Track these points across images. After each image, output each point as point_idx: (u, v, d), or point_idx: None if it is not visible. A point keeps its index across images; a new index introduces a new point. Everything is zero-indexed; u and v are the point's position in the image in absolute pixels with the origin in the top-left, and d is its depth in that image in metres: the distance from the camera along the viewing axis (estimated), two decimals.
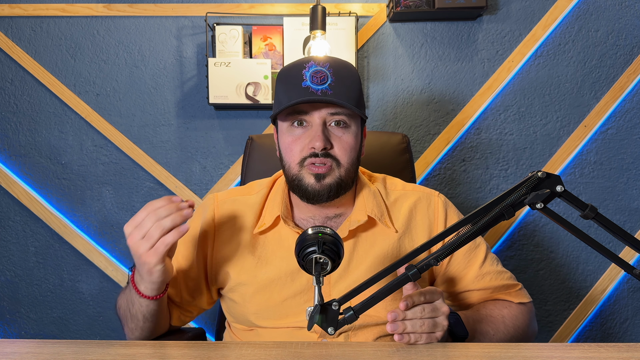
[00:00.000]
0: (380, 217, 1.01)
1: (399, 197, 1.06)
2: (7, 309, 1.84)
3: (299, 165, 0.96)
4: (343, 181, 0.97)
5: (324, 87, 0.94)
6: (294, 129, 0.97)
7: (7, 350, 0.74)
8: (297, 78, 0.95)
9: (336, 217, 1.03)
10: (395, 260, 0.75)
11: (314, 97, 0.93)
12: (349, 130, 0.97)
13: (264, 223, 1.02)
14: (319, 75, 0.94)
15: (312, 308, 0.72)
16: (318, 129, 0.94)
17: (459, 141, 1.81)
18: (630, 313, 1.82)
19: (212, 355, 0.73)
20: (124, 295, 0.99)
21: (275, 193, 1.06)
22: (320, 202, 0.98)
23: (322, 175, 0.95)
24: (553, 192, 0.70)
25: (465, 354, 0.75)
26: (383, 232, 1.02)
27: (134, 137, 1.81)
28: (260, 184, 1.10)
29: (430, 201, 1.06)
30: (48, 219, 1.80)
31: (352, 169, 0.98)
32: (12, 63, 1.80)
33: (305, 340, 0.95)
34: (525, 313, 1.04)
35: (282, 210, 1.01)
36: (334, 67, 0.96)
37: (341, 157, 0.96)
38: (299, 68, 0.96)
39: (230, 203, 1.07)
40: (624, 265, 0.73)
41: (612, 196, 1.81)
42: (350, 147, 0.97)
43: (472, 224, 0.73)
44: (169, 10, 1.79)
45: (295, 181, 0.98)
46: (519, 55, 1.78)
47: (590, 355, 0.72)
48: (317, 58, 0.98)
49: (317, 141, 0.93)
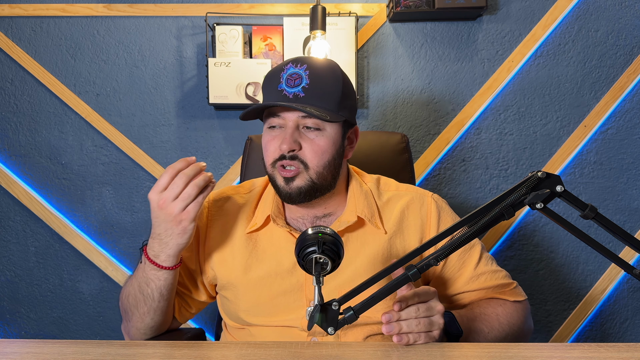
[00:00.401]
0: (370, 218, 1.01)
1: (392, 198, 1.06)
2: (7, 309, 1.84)
3: (272, 166, 0.98)
4: (315, 184, 0.97)
5: (296, 89, 0.95)
6: (271, 130, 0.99)
7: (7, 350, 0.74)
8: (275, 80, 0.97)
9: (325, 217, 1.04)
10: (395, 261, 0.75)
11: (281, 101, 0.94)
12: (322, 134, 0.96)
13: (256, 223, 1.03)
14: (294, 77, 0.95)
15: (312, 308, 0.72)
16: (288, 131, 0.95)
17: (458, 141, 1.81)
18: (630, 313, 1.82)
19: (212, 355, 0.73)
20: (132, 281, 0.99)
21: (267, 193, 1.07)
22: (295, 203, 0.99)
23: (290, 178, 0.96)
24: (553, 192, 0.70)
25: (465, 354, 0.75)
26: (373, 232, 1.02)
27: (134, 137, 1.81)
28: (254, 183, 1.11)
29: (423, 202, 1.06)
30: (48, 219, 1.80)
31: (325, 172, 0.97)
32: (12, 63, 1.80)
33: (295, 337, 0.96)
34: (520, 311, 1.04)
35: (272, 210, 1.02)
36: (312, 69, 0.96)
37: (310, 160, 0.96)
38: (279, 71, 0.97)
39: (222, 201, 1.08)
40: (624, 265, 0.73)
41: (612, 196, 1.81)
42: (322, 150, 0.96)
43: (472, 224, 0.73)
44: (169, 10, 1.79)
45: (271, 180, 1.00)
46: (519, 55, 1.78)
47: (590, 355, 0.72)
48: (298, 59, 0.98)
49: (284, 144, 0.95)
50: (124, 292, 1.02)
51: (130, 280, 1.00)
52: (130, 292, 0.99)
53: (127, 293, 1.00)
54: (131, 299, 0.98)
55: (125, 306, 1.01)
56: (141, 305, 0.97)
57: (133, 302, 0.98)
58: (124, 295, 1.01)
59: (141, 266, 0.96)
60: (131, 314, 0.99)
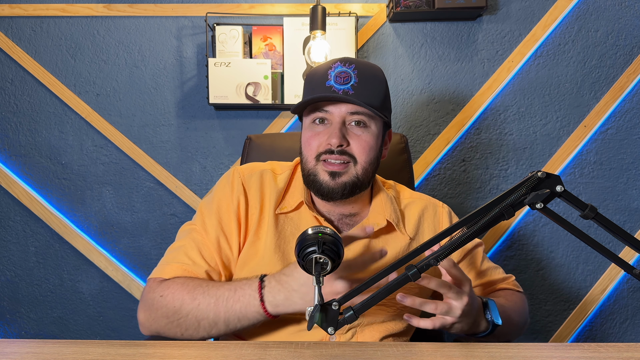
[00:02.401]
0: (397, 223, 1.04)
1: (409, 204, 1.10)
2: (7, 309, 1.84)
3: (315, 159, 0.99)
4: (359, 180, 0.99)
5: (346, 87, 0.96)
6: (315, 126, 1.00)
7: (7, 350, 0.74)
8: (323, 77, 0.98)
9: (351, 216, 1.05)
10: (396, 261, 0.75)
11: (332, 95, 0.95)
12: (368, 130, 0.99)
13: (286, 206, 1.02)
14: (343, 76, 0.97)
15: (312, 308, 0.72)
16: (336, 126, 0.97)
17: (458, 141, 1.81)
18: (630, 313, 1.82)
19: (212, 355, 0.73)
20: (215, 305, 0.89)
21: (297, 180, 1.07)
22: (334, 200, 1.00)
23: (338, 172, 0.97)
24: (553, 192, 0.70)
25: (465, 354, 0.75)
26: (396, 237, 1.05)
27: (134, 137, 1.81)
28: (284, 165, 1.10)
29: (436, 211, 1.11)
30: (48, 219, 1.80)
31: (369, 168, 1.00)
32: (12, 63, 1.80)
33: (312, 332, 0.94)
34: (525, 300, 1.11)
35: (305, 197, 1.03)
36: (359, 69, 0.99)
37: (358, 155, 0.98)
38: (326, 68, 0.99)
39: (257, 176, 1.05)
40: (624, 265, 0.73)
41: (612, 196, 1.81)
42: (369, 147, 0.99)
43: (472, 224, 0.73)
44: (169, 10, 1.79)
45: (310, 176, 1.00)
46: (519, 55, 1.78)
47: (590, 355, 0.72)
48: (346, 59, 1.00)
49: (333, 138, 0.96)
50: (188, 303, 0.90)
51: (207, 300, 0.89)
52: (209, 315, 0.89)
53: (199, 312, 0.89)
54: (205, 322, 0.89)
55: (187, 320, 0.90)
56: (217, 330, 0.90)
57: (206, 325, 0.90)
58: (190, 309, 0.90)
59: (242, 299, 0.88)
60: (193, 331, 0.91)
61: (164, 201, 1.81)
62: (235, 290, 0.89)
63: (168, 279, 0.95)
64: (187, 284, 0.93)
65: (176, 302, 0.91)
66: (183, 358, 0.72)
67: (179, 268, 0.96)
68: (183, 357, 0.72)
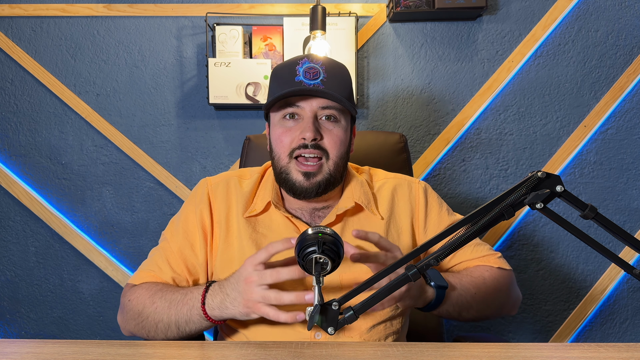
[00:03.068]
0: (367, 205, 1.04)
1: (382, 185, 1.10)
2: (7, 309, 1.84)
3: (288, 157, 0.99)
4: (332, 176, 1.00)
5: (316, 82, 0.97)
6: (286, 121, 1.00)
7: (7, 350, 0.74)
8: (291, 73, 0.98)
9: (324, 209, 1.06)
10: (396, 261, 0.75)
11: (308, 89, 0.96)
12: (339, 125, 1.00)
13: (255, 209, 1.03)
14: (312, 71, 0.98)
15: (312, 308, 0.72)
16: (309, 120, 0.97)
17: (458, 141, 1.81)
18: (630, 313, 1.82)
19: (212, 355, 0.73)
20: (168, 309, 0.93)
21: (266, 181, 1.08)
22: (307, 199, 1.00)
23: (312, 173, 0.98)
24: (553, 192, 0.70)
25: (465, 354, 0.75)
26: (370, 218, 1.05)
27: (134, 137, 1.81)
28: (253, 170, 1.12)
29: (411, 188, 1.10)
30: (48, 219, 1.80)
31: (340, 163, 1.01)
32: (12, 63, 1.80)
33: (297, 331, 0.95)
34: (507, 277, 1.08)
35: (272, 197, 1.03)
36: (326, 65, 1.00)
37: (331, 149, 0.99)
38: (293, 65, 0.99)
39: (223, 184, 1.08)
40: (624, 265, 0.73)
41: (612, 196, 1.81)
42: (340, 141, 1.00)
43: (472, 224, 0.73)
44: (169, 10, 1.79)
45: (282, 174, 1.00)
46: (519, 55, 1.78)
47: (590, 355, 0.72)
48: (311, 56, 1.01)
49: (307, 132, 0.96)
50: (148, 306, 0.95)
51: (162, 303, 0.94)
52: (163, 318, 0.93)
53: (156, 315, 0.94)
54: (161, 325, 0.94)
55: (147, 322, 0.96)
56: (171, 333, 0.94)
57: (162, 328, 0.94)
58: (149, 312, 0.95)
59: (188, 302, 0.91)
60: (154, 333, 0.95)
61: (164, 201, 1.81)
62: (186, 294, 0.93)
63: (137, 284, 1.01)
64: (150, 288, 0.98)
65: (139, 306, 0.96)
66: (183, 358, 0.72)
67: (148, 274, 1.02)
68: (183, 357, 0.72)
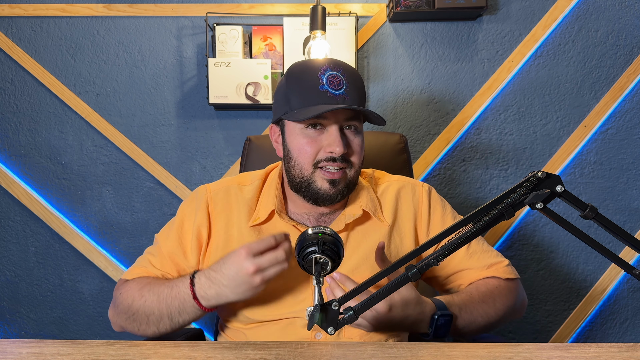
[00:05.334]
0: (374, 212, 1.04)
1: (385, 189, 1.10)
2: (7, 309, 1.84)
3: (313, 167, 0.98)
4: (352, 183, 1.01)
5: (340, 92, 0.96)
6: (308, 131, 0.98)
7: (7, 350, 0.74)
8: (315, 81, 0.96)
9: (331, 214, 1.05)
10: (396, 261, 0.75)
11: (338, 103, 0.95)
12: (360, 134, 1.01)
13: (259, 217, 1.03)
14: (336, 80, 0.97)
15: (312, 308, 0.72)
16: (337, 133, 0.96)
17: (458, 141, 1.81)
18: (630, 313, 1.82)
19: (212, 355, 0.73)
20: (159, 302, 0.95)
21: (269, 187, 1.07)
22: (329, 204, 1.01)
23: (337, 180, 0.98)
24: (553, 192, 0.70)
25: (465, 354, 0.75)
26: (375, 225, 1.05)
27: (134, 137, 1.81)
28: (253, 175, 1.11)
29: (415, 191, 1.10)
30: (48, 219, 1.80)
31: (359, 170, 1.02)
32: (12, 63, 1.80)
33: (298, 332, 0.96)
34: (514, 290, 1.09)
35: (276, 205, 1.03)
36: (346, 72, 0.99)
37: (354, 160, 1.00)
38: (314, 72, 0.97)
39: (223, 192, 1.08)
40: (624, 265, 0.73)
41: (612, 196, 1.81)
42: (362, 150, 1.01)
43: (472, 224, 0.73)
44: (169, 10, 1.79)
45: (305, 183, 0.99)
46: (519, 55, 1.78)
47: (590, 355, 0.72)
48: (332, 61, 1.00)
49: (337, 146, 0.95)
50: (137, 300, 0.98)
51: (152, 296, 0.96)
52: (154, 311, 0.96)
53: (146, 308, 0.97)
54: (153, 317, 0.96)
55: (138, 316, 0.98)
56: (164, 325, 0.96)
57: (154, 320, 0.96)
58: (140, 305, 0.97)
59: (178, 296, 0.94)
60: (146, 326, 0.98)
61: (164, 201, 1.81)
62: (172, 287, 0.95)
63: (129, 279, 1.04)
64: (139, 282, 1.01)
65: (129, 300, 0.99)
66: (183, 358, 0.72)
67: (140, 270, 1.06)
68: (183, 357, 0.72)
